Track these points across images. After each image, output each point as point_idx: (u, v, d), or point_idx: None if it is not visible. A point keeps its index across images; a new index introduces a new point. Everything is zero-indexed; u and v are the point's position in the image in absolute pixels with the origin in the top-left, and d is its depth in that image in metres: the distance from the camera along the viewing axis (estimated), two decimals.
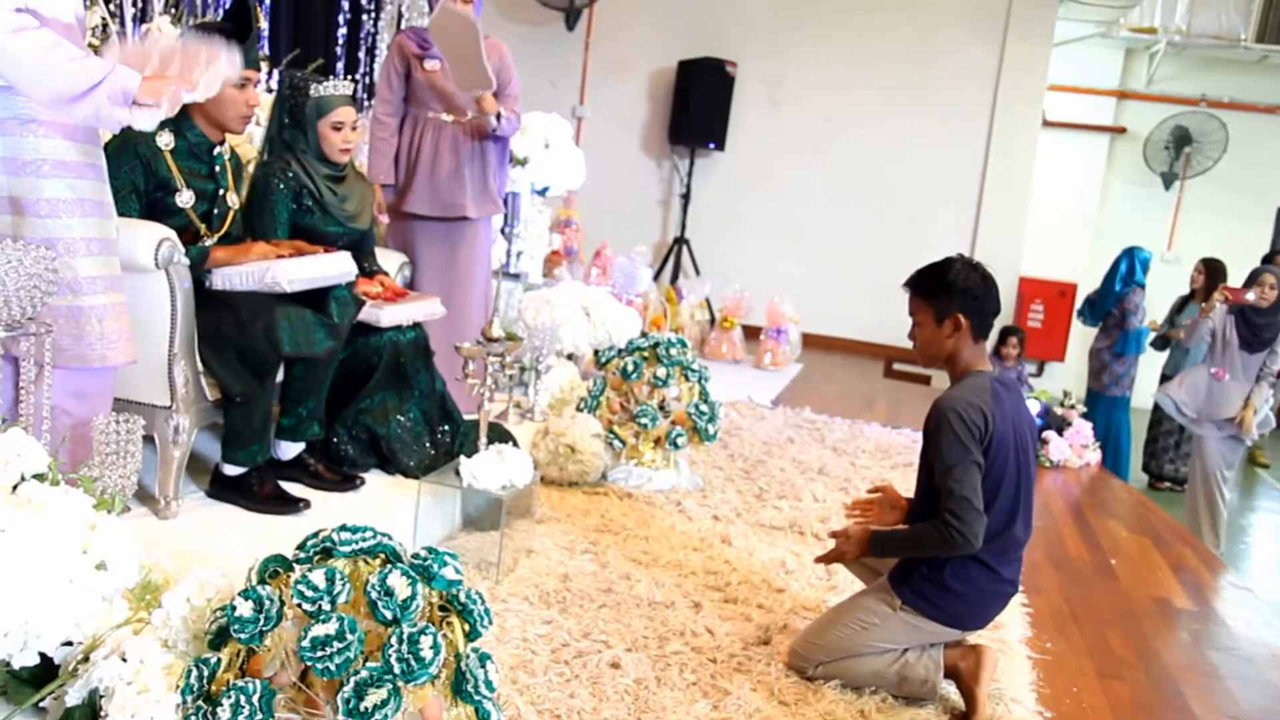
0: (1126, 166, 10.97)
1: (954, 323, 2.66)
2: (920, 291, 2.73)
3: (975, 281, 2.67)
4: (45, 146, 2.41)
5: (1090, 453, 6.02)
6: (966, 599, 2.64)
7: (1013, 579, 2.70)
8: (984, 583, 2.64)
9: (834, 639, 2.74)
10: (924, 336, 2.73)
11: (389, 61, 4.32)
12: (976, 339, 2.69)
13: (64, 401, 2.50)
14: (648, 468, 4.24)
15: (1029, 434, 2.69)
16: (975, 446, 2.54)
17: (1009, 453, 2.59)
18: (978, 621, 2.74)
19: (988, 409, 2.56)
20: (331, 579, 1.77)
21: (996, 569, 2.63)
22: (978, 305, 2.66)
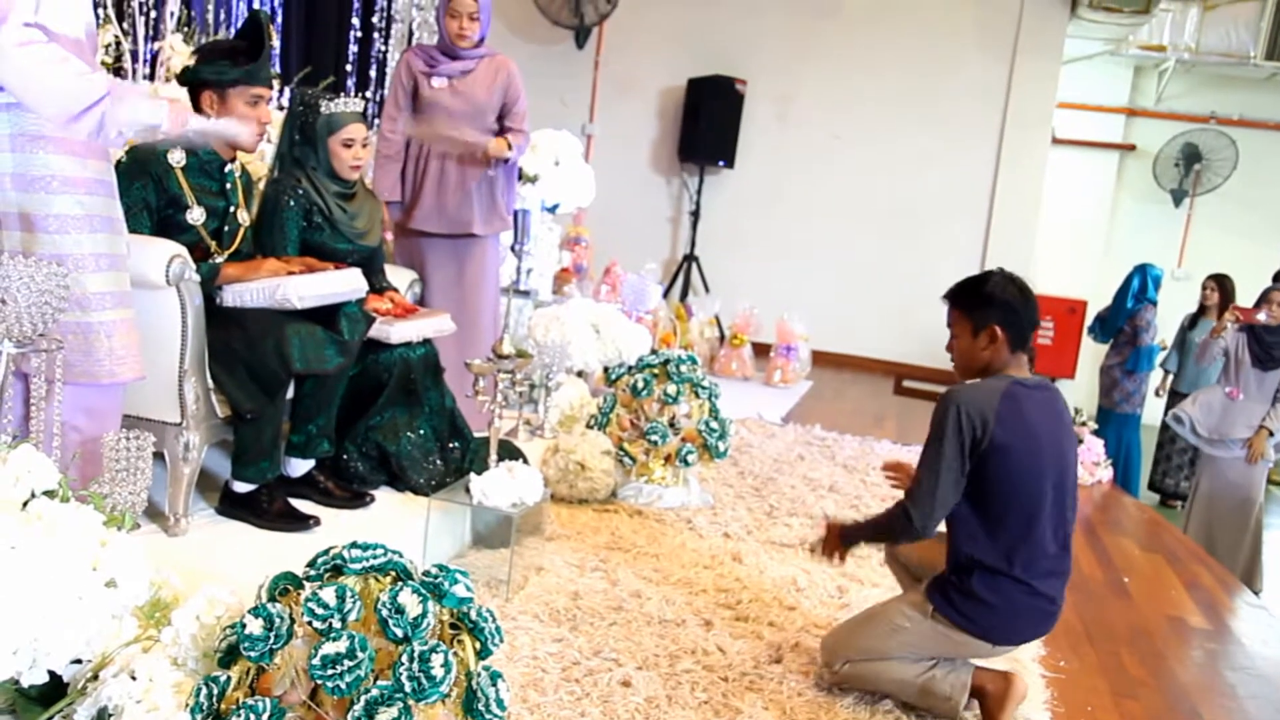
0: (1136, 184, 10.96)
1: (990, 334, 2.64)
2: (958, 304, 2.71)
3: (1013, 294, 2.65)
4: (55, 163, 2.42)
5: (1102, 470, 5.99)
6: (997, 611, 2.59)
7: (1050, 595, 2.63)
8: (1015, 595, 2.59)
9: (866, 639, 2.72)
10: (960, 348, 2.71)
11: (396, 79, 4.32)
12: (1014, 350, 2.66)
13: (74, 418, 2.50)
14: (658, 485, 4.23)
15: (1065, 443, 2.65)
16: (959, 444, 2.53)
17: (1024, 460, 2.54)
18: (1010, 636, 2.68)
19: (991, 413, 2.52)
20: (342, 596, 1.75)
21: (1028, 582, 2.58)
22: (1015, 318, 2.64)
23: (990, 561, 2.57)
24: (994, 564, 2.57)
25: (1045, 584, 2.61)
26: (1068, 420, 2.71)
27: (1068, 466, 2.64)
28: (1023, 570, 2.57)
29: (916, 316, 8.42)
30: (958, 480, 2.55)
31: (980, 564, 2.58)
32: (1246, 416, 5.63)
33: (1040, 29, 8.51)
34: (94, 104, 2.31)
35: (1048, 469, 2.58)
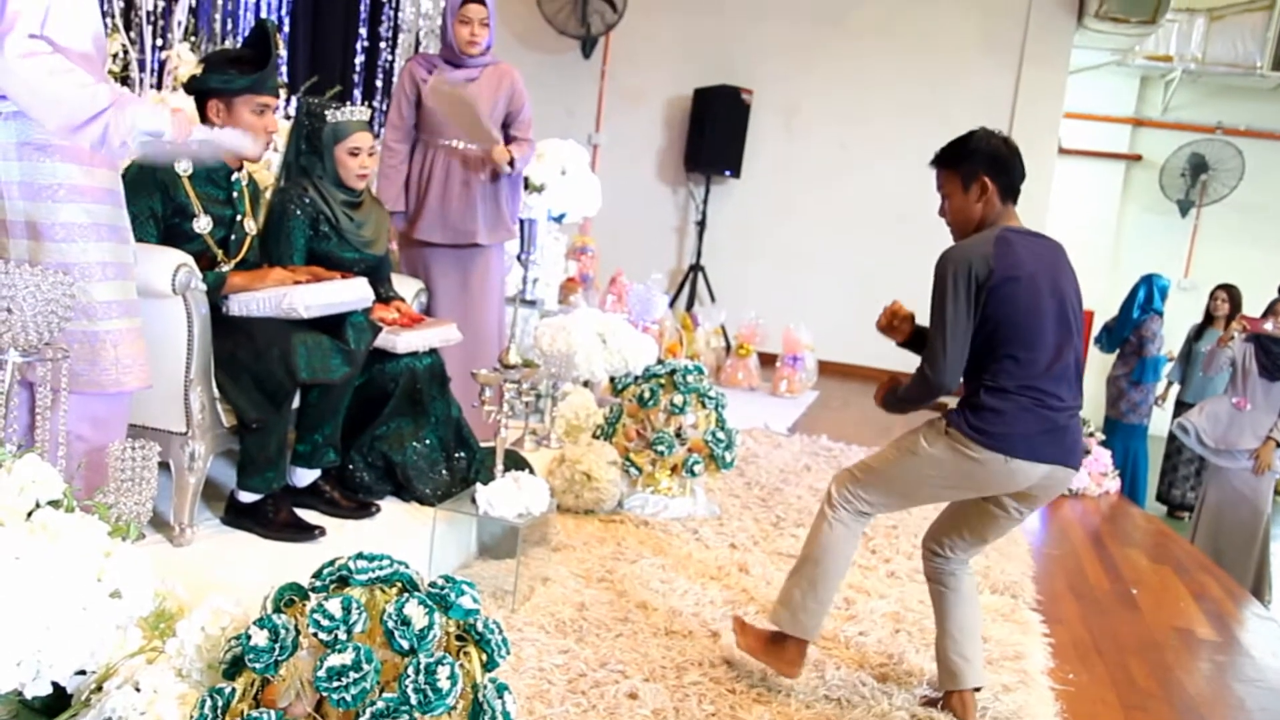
0: (1143, 194, 10.95)
1: (980, 186, 2.67)
2: (945, 163, 2.75)
3: (998, 145, 2.70)
4: (62, 171, 2.41)
5: (1109, 481, 5.98)
6: (1005, 417, 2.56)
7: (1061, 396, 2.59)
8: (1022, 401, 2.56)
9: (881, 464, 2.74)
10: (954, 206, 2.74)
11: (399, 88, 4.32)
12: (1004, 201, 2.69)
13: (79, 427, 2.49)
14: (664, 495, 4.22)
15: (1063, 282, 2.64)
16: (965, 294, 2.56)
17: (1020, 296, 2.55)
18: (1022, 447, 2.57)
19: (989, 256, 2.56)
20: (348, 608, 1.74)
21: (1034, 392, 2.56)
22: (1002, 166, 2.67)
23: (996, 382, 2.58)
24: (1000, 383, 2.58)
25: (1051, 401, 2.58)
26: (1065, 264, 2.70)
27: (1066, 300, 2.63)
28: (1025, 389, 2.57)
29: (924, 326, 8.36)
30: (966, 332, 2.58)
31: (986, 385, 2.60)
32: (1254, 427, 5.60)
33: (1046, 39, 8.50)
34: (97, 114, 2.31)
35: (1045, 303, 2.58)
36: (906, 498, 2.81)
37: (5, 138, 2.38)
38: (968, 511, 2.82)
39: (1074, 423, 2.64)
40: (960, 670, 2.76)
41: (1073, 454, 2.64)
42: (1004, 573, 3.98)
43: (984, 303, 2.56)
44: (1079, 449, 2.67)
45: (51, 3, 2.31)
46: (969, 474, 2.62)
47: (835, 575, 2.79)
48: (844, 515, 2.77)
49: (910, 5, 8.70)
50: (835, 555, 2.77)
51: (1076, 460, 2.65)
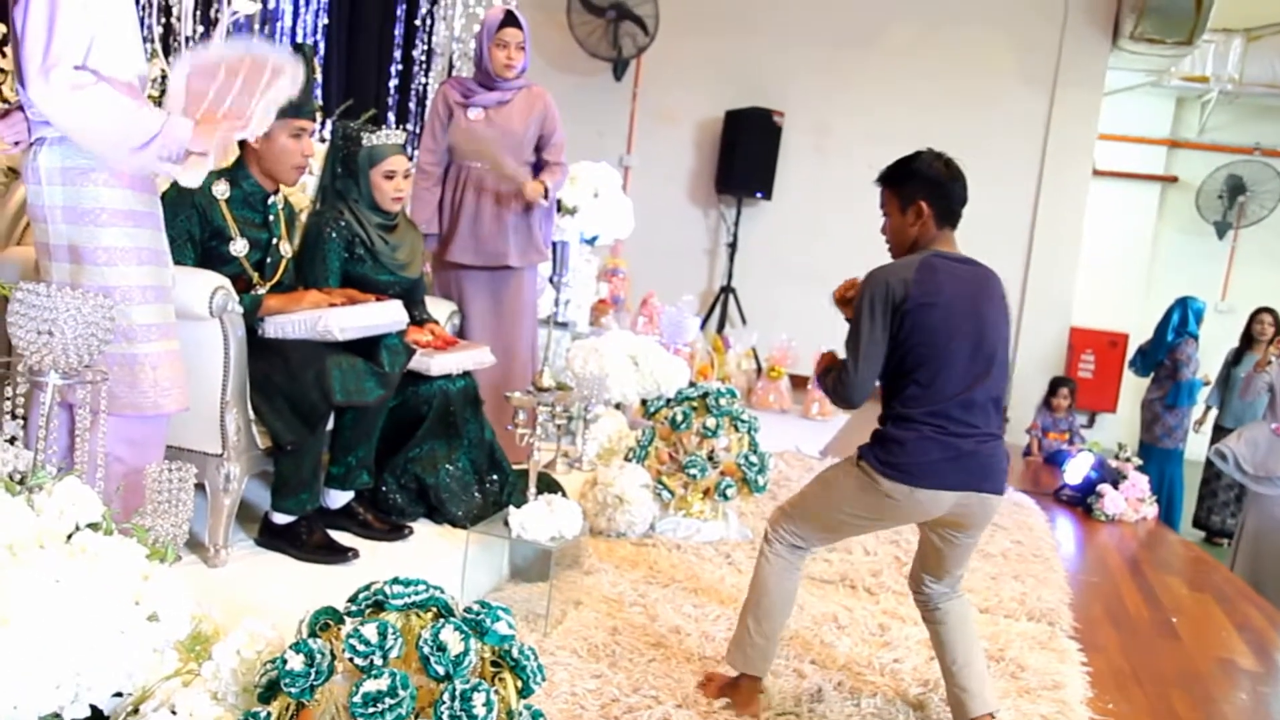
0: (1179, 216, 10.85)
1: (916, 210, 2.68)
2: (886, 183, 2.76)
3: (939, 170, 2.69)
4: (104, 196, 2.44)
5: (1147, 506, 5.90)
6: (908, 446, 2.56)
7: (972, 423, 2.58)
8: (925, 432, 2.56)
9: (805, 498, 2.80)
10: (891, 226, 2.76)
11: (433, 111, 4.34)
12: (940, 226, 2.70)
13: (117, 449, 2.50)
14: (696, 519, 4.20)
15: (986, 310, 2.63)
16: (881, 315, 2.58)
17: (934, 320, 2.56)
18: (928, 477, 2.56)
19: (909, 280, 2.57)
20: (384, 633, 1.74)
21: (937, 423, 2.56)
22: (941, 191, 2.68)
23: (902, 410, 2.60)
24: (905, 411, 2.59)
25: (957, 428, 2.57)
26: (996, 294, 2.70)
27: (987, 330, 2.62)
28: (930, 416, 2.57)
29: None
30: (879, 353, 2.61)
31: (893, 414, 2.62)
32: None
33: (1081, 61, 8.46)
34: (143, 145, 2.34)
35: (959, 331, 2.58)
36: (832, 531, 2.81)
37: (49, 163, 2.41)
38: (920, 545, 2.84)
39: (986, 448, 2.60)
40: (962, 702, 2.75)
41: (987, 479, 2.61)
42: (1041, 600, 3.93)
43: (898, 326, 2.59)
44: (996, 473, 2.63)
45: (95, 35, 2.35)
46: (880, 506, 2.63)
47: (778, 611, 2.81)
48: (779, 549, 2.81)
49: (942, 26, 8.68)
50: (774, 590, 2.80)
51: (993, 485, 2.62)
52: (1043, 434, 7.47)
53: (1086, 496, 5.89)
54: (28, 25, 2.30)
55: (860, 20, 8.82)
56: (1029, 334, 8.59)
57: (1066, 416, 7.50)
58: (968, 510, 2.62)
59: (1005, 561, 4.44)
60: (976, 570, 4.21)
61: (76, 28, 2.31)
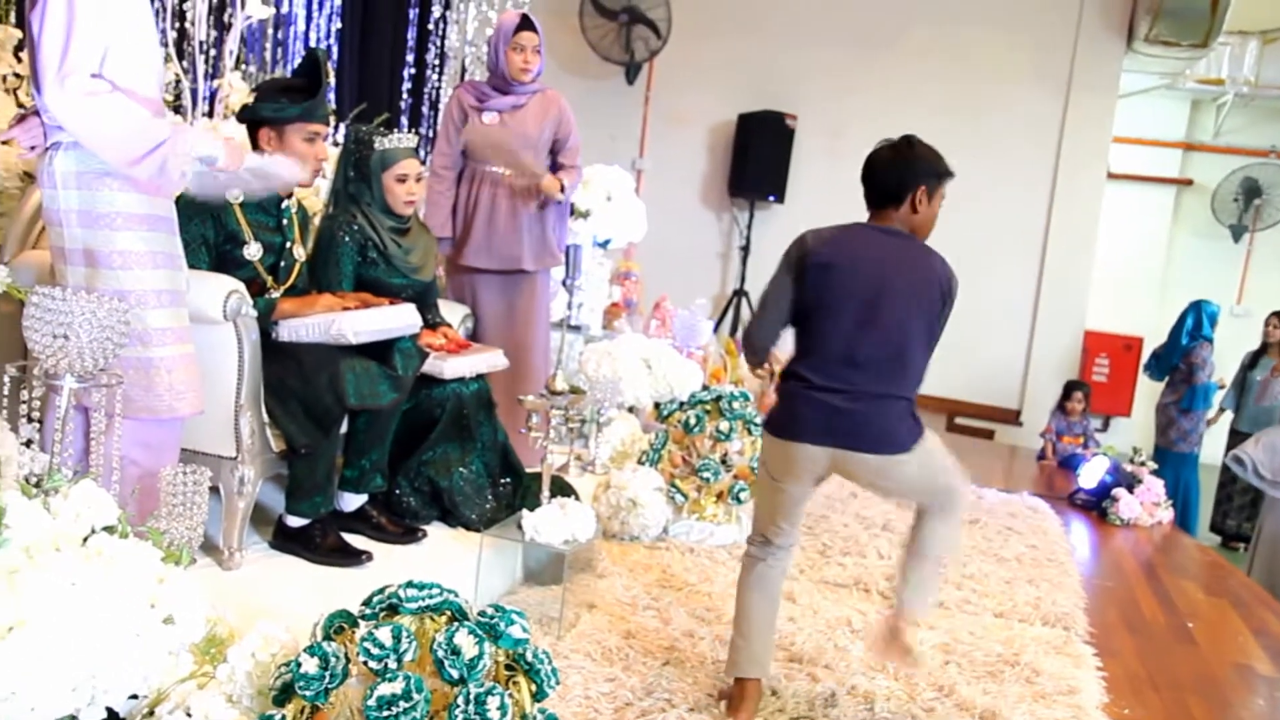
0: (1194, 219, 10.81)
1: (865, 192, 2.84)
2: None
3: (872, 155, 2.85)
4: (119, 200, 2.45)
5: (1162, 511, 5.87)
6: (786, 403, 2.71)
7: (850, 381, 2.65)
8: (799, 384, 2.69)
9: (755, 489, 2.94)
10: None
11: (447, 115, 4.35)
12: (870, 206, 2.83)
13: (132, 452, 2.51)
14: (710, 522, 4.19)
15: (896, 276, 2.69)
16: (784, 268, 2.74)
17: (832, 277, 2.67)
18: (795, 428, 2.69)
19: (819, 242, 2.72)
20: (398, 637, 1.74)
21: (808, 378, 2.68)
22: (867, 174, 2.83)
23: (790, 367, 2.74)
24: (791, 368, 2.73)
25: (832, 384, 2.66)
26: (919, 264, 2.76)
27: (889, 294, 2.67)
28: (808, 371, 2.68)
29: (969, 353, 8.33)
30: (778, 304, 2.73)
31: (785, 373, 2.76)
32: None
33: (1095, 64, 8.43)
34: (155, 148, 2.36)
35: (853, 291, 2.66)
36: (767, 506, 2.83)
37: (64, 167, 2.42)
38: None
39: (860, 405, 2.65)
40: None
41: (856, 438, 2.65)
42: (1055, 604, 3.91)
43: (800, 283, 2.70)
44: (868, 433, 2.66)
45: (111, 43, 2.36)
46: (775, 462, 2.76)
47: (754, 610, 2.80)
48: (751, 550, 2.86)
49: (956, 29, 8.66)
50: (743, 589, 2.82)
51: (863, 444, 2.66)
52: (1057, 438, 7.45)
53: (1101, 500, 5.86)
54: (44, 31, 2.32)
55: (873, 23, 8.80)
56: (1043, 337, 8.56)
57: (1081, 420, 7.47)
58: (848, 469, 2.70)
59: (1020, 566, 4.42)
60: (990, 575, 4.19)
61: (93, 35, 2.32)
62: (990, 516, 5.19)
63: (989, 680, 3.17)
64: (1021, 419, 8.52)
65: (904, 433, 2.68)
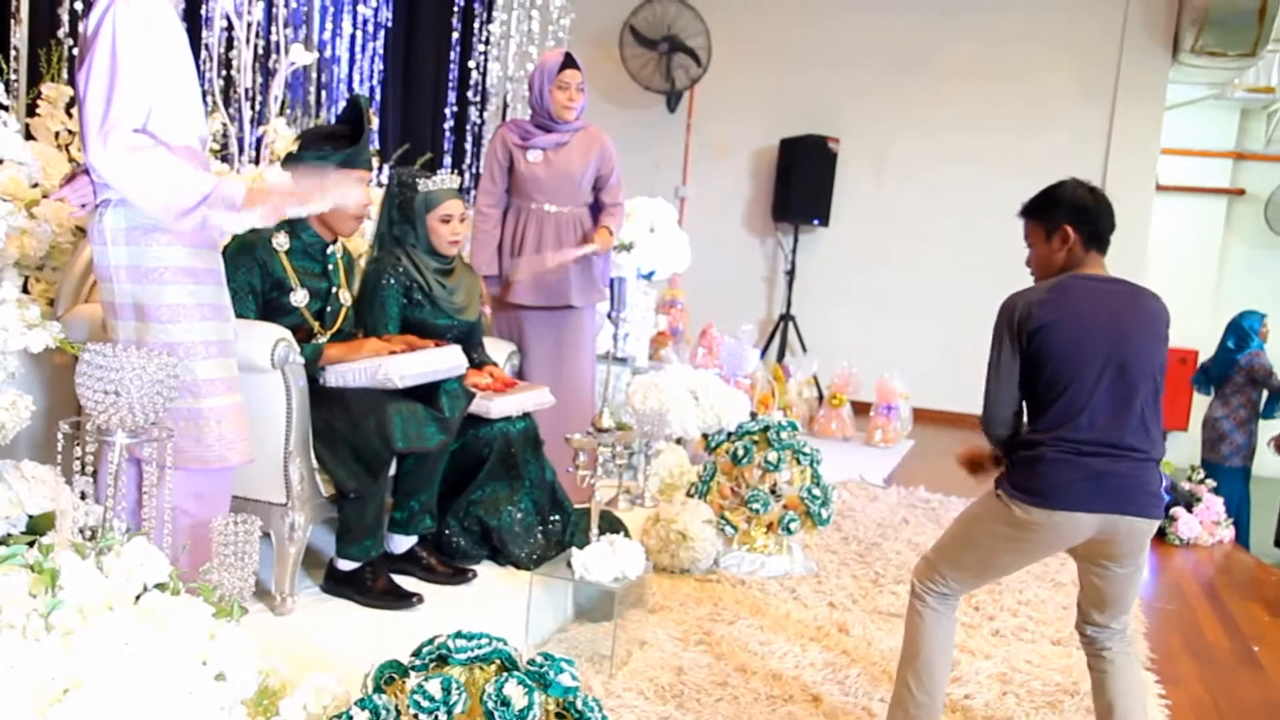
0: (1246, 229, 10.64)
1: (1062, 236, 2.65)
2: (1031, 214, 2.75)
3: (1083, 195, 2.69)
4: (167, 255, 2.49)
5: (1222, 529, 5.75)
6: (1043, 467, 2.50)
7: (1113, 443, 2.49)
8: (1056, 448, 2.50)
9: (950, 541, 2.73)
10: (1037, 256, 2.73)
11: (491, 153, 4.38)
12: (1088, 249, 2.66)
13: (184, 502, 2.54)
14: (760, 554, 4.17)
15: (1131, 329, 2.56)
16: (1007, 338, 2.59)
17: (1067, 337, 2.52)
18: (1065, 499, 2.49)
19: (1036, 302, 2.56)
20: (448, 689, 1.75)
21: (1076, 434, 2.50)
22: (1086, 216, 2.65)
23: (1035, 433, 2.57)
24: (1039, 434, 2.55)
25: (1091, 448, 2.50)
26: (1147, 310, 2.62)
27: (1128, 347, 2.54)
28: (1062, 436, 2.51)
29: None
30: (1010, 376, 2.60)
31: (1028, 438, 2.58)
32: None
33: (1141, 76, 8.34)
34: (195, 205, 2.39)
35: (1093, 348, 2.52)
36: (983, 570, 2.73)
37: (113, 224, 2.46)
38: (1079, 579, 2.74)
39: (1124, 466, 2.51)
40: None
41: (1130, 501, 2.50)
42: None
43: (1027, 347, 2.56)
44: (1140, 495, 2.51)
45: (155, 100, 2.40)
46: (1021, 535, 2.56)
47: (937, 666, 2.70)
48: (930, 601, 2.70)
49: (998, 47, 8.60)
50: (931, 644, 2.69)
51: (1137, 507, 2.50)
52: None
53: None
54: (89, 89, 2.37)
55: (913, 44, 8.78)
56: None
57: None
58: (1115, 535, 2.51)
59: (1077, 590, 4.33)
60: (1047, 601, 4.13)
61: (136, 92, 2.37)
62: None
63: (1049, 711, 3.12)
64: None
65: (1161, 498, 2.60)
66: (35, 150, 3.27)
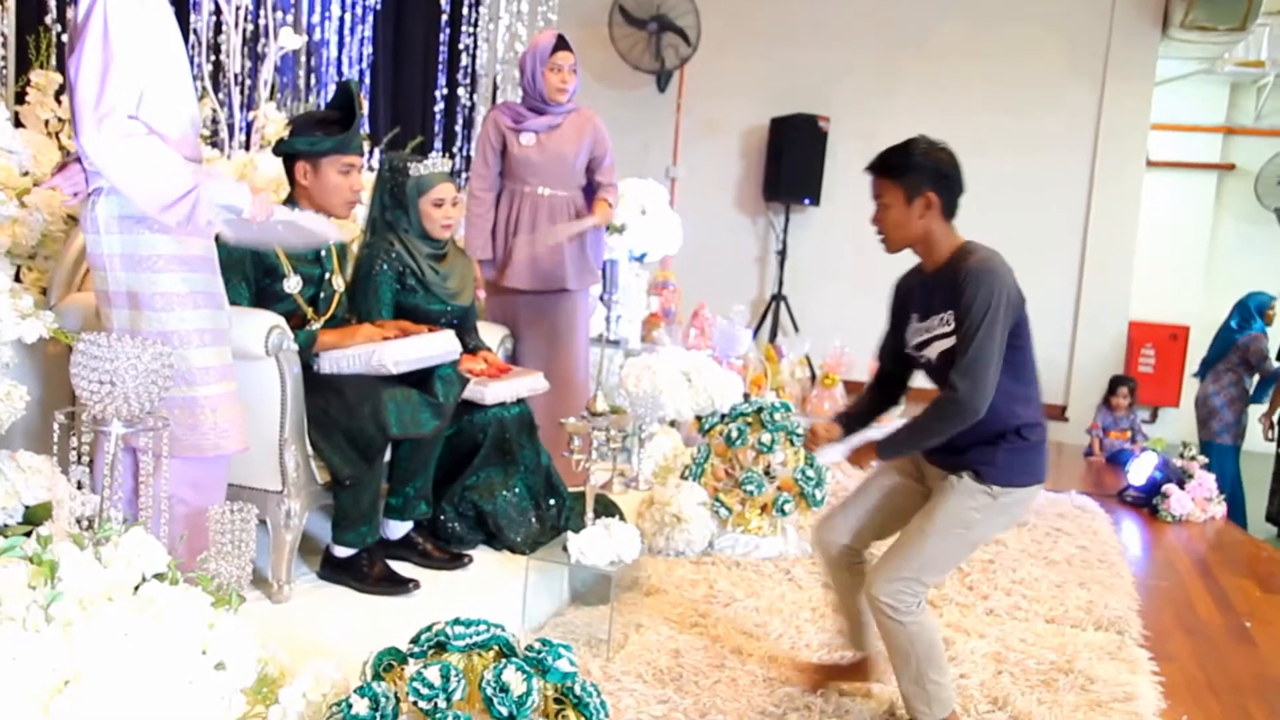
0: (1237, 204, 10.64)
1: (926, 201, 2.63)
2: (886, 173, 2.68)
3: (947, 161, 2.66)
4: (160, 243, 2.48)
5: (1214, 506, 5.78)
6: (1039, 449, 2.64)
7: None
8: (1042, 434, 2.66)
9: (926, 549, 2.61)
10: (892, 218, 2.68)
11: (484, 137, 4.36)
12: (947, 218, 2.67)
13: (181, 490, 2.55)
14: (755, 535, 4.18)
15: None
16: (1004, 317, 2.53)
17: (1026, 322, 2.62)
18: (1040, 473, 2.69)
19: (1013, 277, 2.58)
20: (446, 675, 1.75)
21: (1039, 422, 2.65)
22: (949, 185, 2.65)
23: (1028, 417, 2.62)
24: (1030, 418, 2.62)
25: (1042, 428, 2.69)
26: None
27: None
28: (1038, 417, 2.66)
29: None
30: (1000, 357, 2.54)
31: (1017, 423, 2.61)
32: None
33: (1130, 52, 8.33)
34: (184, 195, 2.39)
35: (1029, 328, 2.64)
36: (955, 564, 2.85)
37: (106, 212, 2.45)
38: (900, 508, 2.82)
39: None
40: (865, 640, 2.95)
41: None
42: (1108, 607, 3.86)
43: (1013, 328, 2.57)
44: None
45: (146, 86, 2.39)
46: (1014, 516, 2.68)
47: (939, 649, 2.69)
48: (914, 610, 2.62)
49: (987, 25, 8.58)
50: (925, 639, 2.65)
51: None
52: (1104, 433, 7.36)
53: (1152, 497, 5.78)
54: (81, 75, 2.35)
55: (903, 23, 8.75)
56: (1086, 330, 8.46)
57: (1128, 415, 7.38)
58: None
59: (1070, 568, 4.37)
60: (1040, 579, 4.15)
61: (129, 77, 2.36)
62: (1039, 518, 5.12)
63: (1043, 689, 3.14)
64: (1067, 414, 8.42)
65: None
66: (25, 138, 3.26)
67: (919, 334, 2.73)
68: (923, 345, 2.72)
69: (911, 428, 2.69)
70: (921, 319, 2.73)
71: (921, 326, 2.73)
